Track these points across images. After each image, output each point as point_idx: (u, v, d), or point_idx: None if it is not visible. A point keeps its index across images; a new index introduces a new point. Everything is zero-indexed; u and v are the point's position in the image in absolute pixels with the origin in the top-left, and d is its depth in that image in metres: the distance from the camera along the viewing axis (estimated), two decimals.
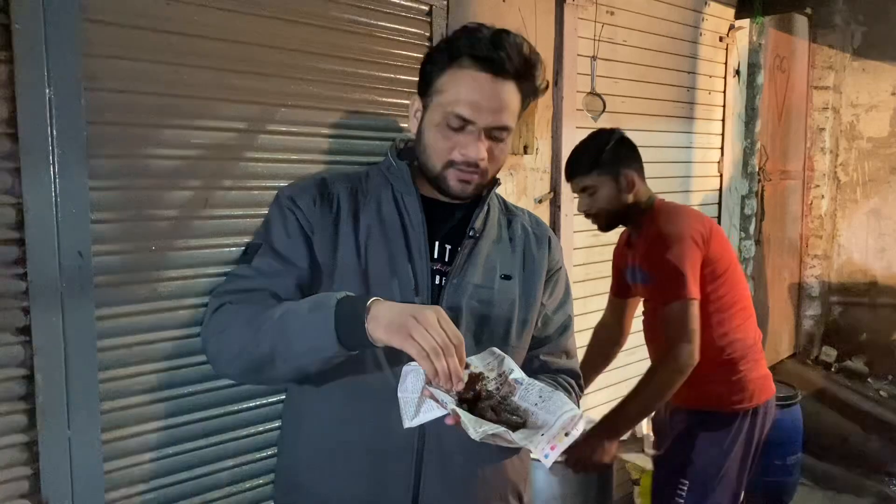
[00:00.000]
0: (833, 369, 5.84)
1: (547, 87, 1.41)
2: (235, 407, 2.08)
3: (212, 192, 1.98)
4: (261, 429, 2.11)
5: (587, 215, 2.44)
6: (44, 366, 1.70)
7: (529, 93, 1.36)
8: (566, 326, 1.52)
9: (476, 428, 1.08)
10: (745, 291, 2.41)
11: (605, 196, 2.35)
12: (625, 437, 2.54)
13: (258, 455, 2.11)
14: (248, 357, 1.23)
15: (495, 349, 1.25)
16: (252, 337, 1.21)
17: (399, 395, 1.14)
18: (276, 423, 2.09)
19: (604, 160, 2.34)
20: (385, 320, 1.10)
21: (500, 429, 1.09)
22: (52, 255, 1.69)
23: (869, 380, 5.67)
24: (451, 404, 1.09)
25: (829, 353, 5.96)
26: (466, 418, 1.08)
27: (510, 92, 1.31)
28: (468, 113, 1.28)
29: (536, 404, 1.18)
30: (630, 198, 2.34)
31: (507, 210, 1.51)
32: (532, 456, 1.11)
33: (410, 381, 1.13)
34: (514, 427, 1.14)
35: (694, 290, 2.18)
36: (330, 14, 2.19)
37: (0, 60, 1.60)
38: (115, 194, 1.81)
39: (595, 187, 2.37)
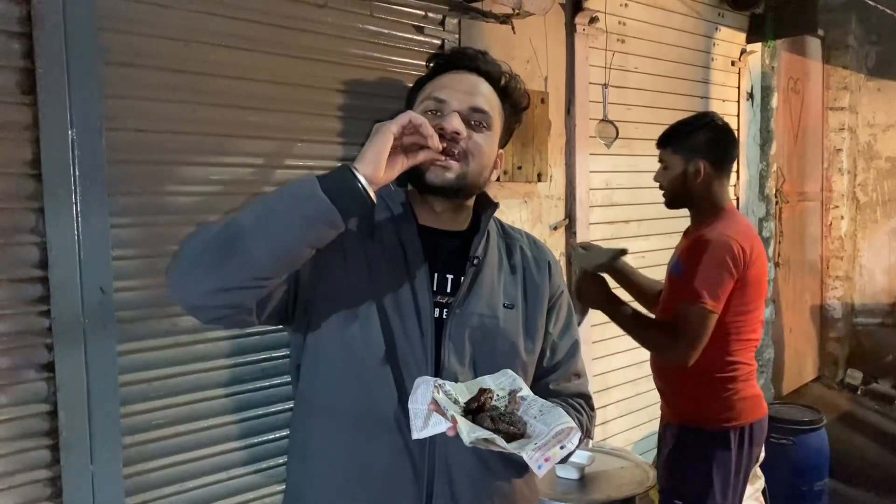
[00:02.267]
0: (859, 392, 5.74)
1: (528, 105, 1.46)
2: (256, 439, 2.09)
3: None
4: (280, 461, 2.12)
5: (659, 186, 2.44)
6: (67, 402, 1.73)
7: (508, 102, 1.39)
8: (574, 350, 1.50)
9: (469, 433, 1.08)
10: (760, 320, 2.40)
11: (672, 175, 2.35)
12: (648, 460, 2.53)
13: (279, 488, 2.12)
14: (214, 248, 1.09)
15: (508, 370, 1.25)
16: (220, 231, 1.10)
17: (409, 406, 1.15)
18: None
19: (682, 141, 2.33)
20: (368, 158, 1.14)
21: (492, 435, 1.10)
22: (75, 292, 1.73)
23: None
24: (451, 411, 1.10)
25: (855, 376, 5.87)
26: (463, 423, 1.09)
27: (484, 85, 1.36)
28: (442, 94, 1.33)
29: (535, 417, 1.18)
30: (696, 186, 2.32)
31: (505, 233, 1.50)
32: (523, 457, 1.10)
33: (421, 393, 1.14)
34: (511, 437, 1.14)
35: (719, 303, 2.19)
36: (345, 51, 2.23)
37: (24, 104, 1.66)
38: (136, 231, 1.86)
39: (666, 163, 2.38)
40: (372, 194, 1.13)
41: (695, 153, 2.31)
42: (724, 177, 2.38)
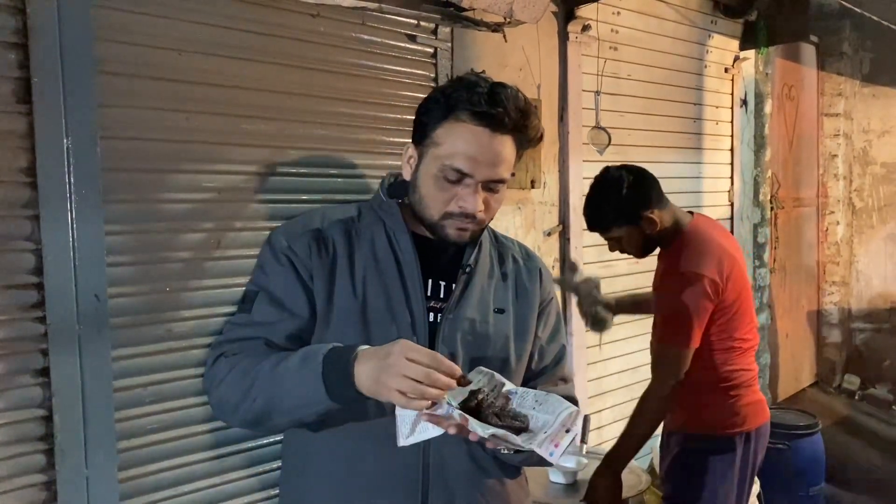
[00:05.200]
0: (857, 397, 5.75)
1: (542, 137, 1.43)
2: (250, 444, 2.11)
3: (224, 234, 2.03)
4: (275, 466, 2.13)
5: (621, 251, 2.44)
6: (62, 406, 1.75)
7: (525, 143, 1.38)
8: (561, 356, 1.54)
9: (483, 430, 1.11)
10: (753, 324, 2.40)
11: (632, 241, 2.35)
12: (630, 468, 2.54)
13: (273, 492, 2.13)
14: (246, 411, 1.27)
15: (482, 368, 1.27)
16: (246, 393, 1.25)
17: (397, 412, 1.17)
18: None
19: (622, 212, 2.30)
20: (365, 381, 1.15)
21: (503, 431, 1.13)
22: (70, 299, 1.75)
23: (894, 407, 5.57)
24: (457, 410, 1.12)
25: (852, 381, 5.88)
26: (473, 422, 1.12)
27: (507, 146, 1.32)
28: (466, 167, 1.29)
29: (534, 408, 1.21)
30: (657, 231, 2.31)
31: (498, 242, 1.53)
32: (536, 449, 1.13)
33: None
34: (517, 431, 1.17)
35: (696, 338, 2.20)
36: (337, 59, 2.26)
37: (20, 113, 1.68)
38: (131, 238, 1.88)
39: (619, 237, 2.36)
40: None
41: (636, 211, 2.29)
42: (667, 202, 2.36)
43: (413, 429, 1.17)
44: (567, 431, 1.14)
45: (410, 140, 1.40)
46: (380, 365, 1.13)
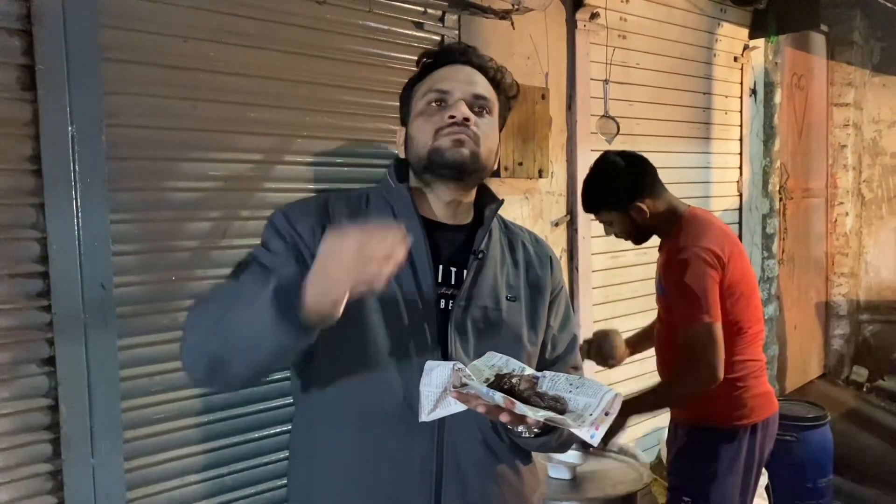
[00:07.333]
0: (865, 389, 5.73)
1: (517, 93, 1.50)
2: (256, 434, 2.10)
3: (230, 223, 2.02)
4: (281, 456, 2.13)
5: (616, 236, 2.45)
6: (68, 396, 1.74)
7: (500, 92, 1.43)
8: (573, 344, 1.53)
9: (534, 413, 1.10)
10: (758, 313, 2.39)
11: (623, 227, 2.37)
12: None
13: (279, 483, 2.13)
14: (208, 349, 1.16)
15: (494, 353, 1.25)
16: (206, 349, 1.16)
17: (421, 388, 1.14)
18: None
19: (611, 198, 2.32)
20: (321, 293, 1.05)
21: (552, 414, 1.11)
22: (76, 288, 1.74)
23: None
24: (499, 394, 1.10)
25: (861, 373, 5.85)
26: (523, 406, 1.11)
27: (479, 76, 1.39)
28: (445, 86, 1.35)
29: (570, 391, 1.19)
30: (649, 221, 2.33)
31: (508, 229, 1.52)
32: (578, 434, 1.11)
33: (435, 376, 1.13)
34: (558, 413, 1.16)
35: (714, 312, 2.18)
36: (345, 47, 2.24)
37: (24, 100, 1.67)
38: (136, 227, 1.87)
39: (611, 221, 2.39)
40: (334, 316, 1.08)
41: (627, 200, 2.29)
42: (662, 192, 2.36)
43: (436, 405, 1.15)
44: (606, 415, 1.12)
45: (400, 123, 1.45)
46: (327, 270, 1.04)
